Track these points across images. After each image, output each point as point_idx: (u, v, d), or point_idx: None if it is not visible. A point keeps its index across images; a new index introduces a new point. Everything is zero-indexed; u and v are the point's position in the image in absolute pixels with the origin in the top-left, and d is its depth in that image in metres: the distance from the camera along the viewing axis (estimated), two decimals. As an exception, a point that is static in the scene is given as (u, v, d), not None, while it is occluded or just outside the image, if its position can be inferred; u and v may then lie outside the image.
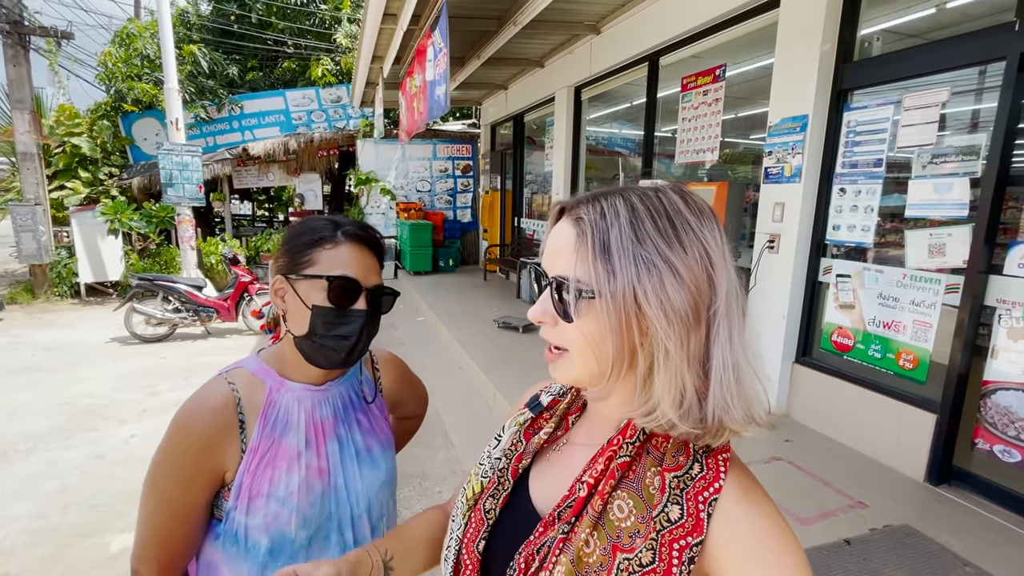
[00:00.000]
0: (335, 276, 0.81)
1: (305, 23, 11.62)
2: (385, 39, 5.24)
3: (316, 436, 0.86)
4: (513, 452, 0.64)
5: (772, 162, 3.28)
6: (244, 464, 0.79)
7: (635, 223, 0.49)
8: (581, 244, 0.50)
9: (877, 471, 2.71)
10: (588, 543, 0.51)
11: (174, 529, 0.79)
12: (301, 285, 0.82)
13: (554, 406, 0.67)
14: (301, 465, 0.83)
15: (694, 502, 0.49)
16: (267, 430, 0.82)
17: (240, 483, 0.79)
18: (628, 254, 0.48)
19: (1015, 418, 2.32)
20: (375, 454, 0.92)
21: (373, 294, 0.84)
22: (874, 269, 2.87)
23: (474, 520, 0.62)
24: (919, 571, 1.96)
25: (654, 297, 0.47)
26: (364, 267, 0.84)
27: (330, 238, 0.83)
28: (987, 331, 2.42)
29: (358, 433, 0.91)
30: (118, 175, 9.55)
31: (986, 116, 2.43)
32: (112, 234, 7.85)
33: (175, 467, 0.78)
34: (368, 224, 0.89)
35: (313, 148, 10.12)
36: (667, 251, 0.48)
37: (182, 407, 0.80)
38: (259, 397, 0.83)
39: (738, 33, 3.80)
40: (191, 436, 0.78)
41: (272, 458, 0.81)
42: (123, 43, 10.22)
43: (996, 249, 2.39)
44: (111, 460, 3.38)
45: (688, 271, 0.48)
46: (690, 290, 0.48)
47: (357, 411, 0.92)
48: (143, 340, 5.99)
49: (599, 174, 6.30)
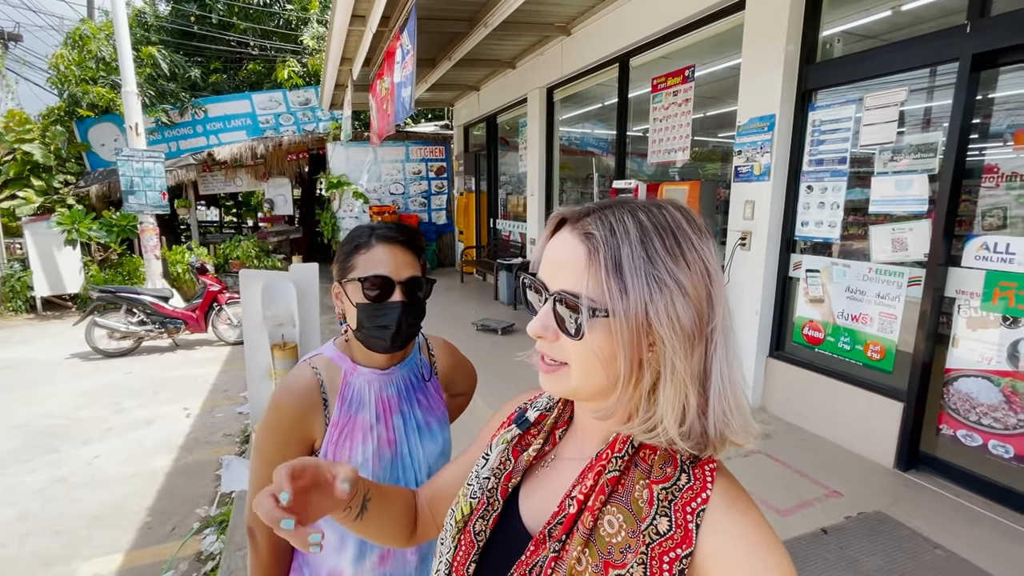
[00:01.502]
0: (366, 277, 0.94)
1: (269, 24, 11.34)
2: (354, 41, 5.15)
3: (384, 412, 1.00)
4: (502, 471, 0.63)
5: (742, 161, 3.35)
6: (328, 436, 0.95)
7: (645, 241, 0.49)
8: (593, 261, 0.49)
9: (850, 459, 2.80)
10: (580, 561, 0.50)
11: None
12: (348, 287, 0.97)
13: (541, 421, 0.66)
14: (373, 436, 0.97)
15: (682, 513, 0.49)
16: (345, 408, 0.97)
17: (325, 452, 0.94)
18: (640, 273, 0.48)
19: (976, 404, 2.42)
20: (433, 428, 1.06)
21: (408, 285, 0.97)
22: (841, 264, 2.96)
23: (464, 543, 0.61)
24: (892, 556, 2.03)
25: (664, 315, 0.47)
26: (397, 263, 0.96)
27: (365, 243, 0.97)
28: (948, 321, 2.52)
29: (419, 410, 1.05)
30: (74, 183, 9.14)
31: (942, 114, 2.53)
32: (70, 245, 7.51)
33: (274, 437, 0.94)
34: (403, 225, 1.02)
35: (282, 152, 9.89)
36: (675, 269, 0.48)
37: (276, 389, 0.96)
38: (337, 379, 0.98)
39: (706, 35, 3.87)
40: (284, 412, 0.93)
41: (350, 431, 0.96)
42: (76, 45, 9.80)
43: (954, 242, 2.50)
44: (74, 483, 3.23)
45: (693, 288, 0.49)
46: (695, 307, 0.48)
47: (417, 391, 1.07)
48: (106, 355, 5.75)
49: (573, 174, 6.34)
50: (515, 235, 7.61)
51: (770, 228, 3.23)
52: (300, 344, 3.34)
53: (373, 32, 4.34)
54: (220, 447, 3.69)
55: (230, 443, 3.76)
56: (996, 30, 2.27)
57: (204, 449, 3.68)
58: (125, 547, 2.62)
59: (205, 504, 2.98)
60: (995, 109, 2.43)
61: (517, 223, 7.52)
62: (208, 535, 2.67)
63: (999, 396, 2.34)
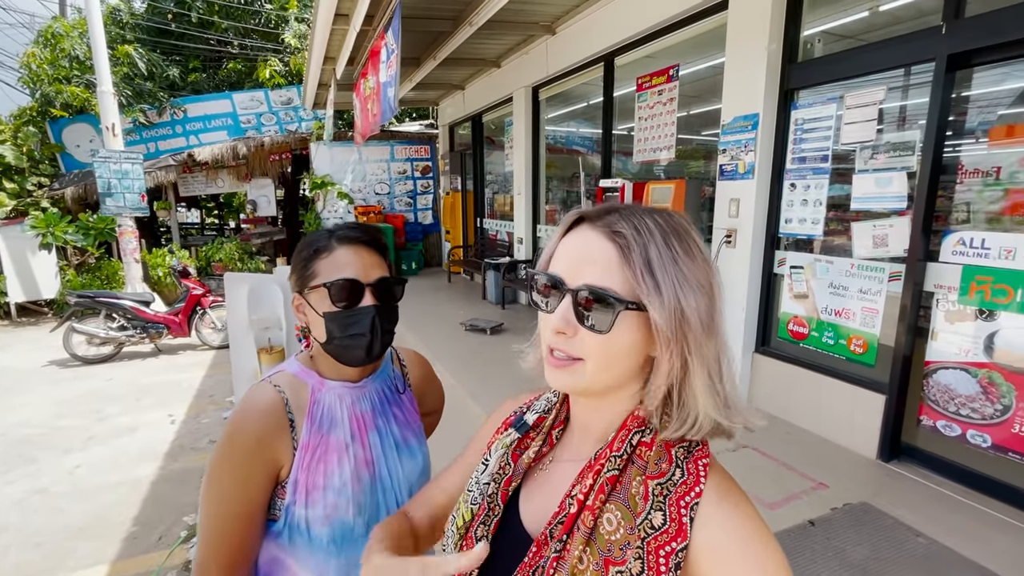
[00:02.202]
0: (332, 281, 0.85)
1: (250, 22, 11.15)
2: (337, 40, 5.09)
3: (359, 429, 0.92)
4: (502, 475, 0.63)
5: (726, 159, 3.39)
6: (298, 460, 0.85)
7: (667, 241, 0.52)
8: (625, 257, 0.51)
9: (834, 452, 2.86)
10: (582, 560, 0.51)
11: (235, 529, 0.82)
12: (312, 297, 0.88)
13: (540, 424, 0.66)
14: (350, 456, 0.89)
15: (676, 508, 0.50)
16: (315, 427, 0.88)
17: (296, 479, 0.85)
18: (668, 270, 0.51)
19: (955, 395, 2.49)
20: (412, 444, 0.99)
21: (378, 287, 0.88)
22: (825, 260, 3.02)
23: (466, 549, 0.61)
24: (878, 545, 2.08)
25: (692, 308, 0.51)
26: (363, 265, 0.88)
27: (325, 247, 0.88)
28: (927, 315, 2.59)
29: (395, 425, 0.98)
30: (48, 185, 8.90)
31: (920, 113, 2.59)
32: (44, 249, 7.29)
33: (233, 468, 0.82)
34: (364, 224, 0.95)
35: (264, 152, 9.74)
36: (692, 266, 0.52)
37: (233, 413, 0.86)
38: (304, 397, 0.89)
39: (690, 34, 3.90)
40: (246, 437, 0.83)
41: (323, 452, 0.87)
42: (48, 43, 9.53)
43: (933, 238, 2.56)
44: (55, 493, 3.15)
45: (707, 283, 0.53)
46: (707, 300, 0.52)
47: (392, 405, 0.99)
48: (85, 362, 5.61)
49: (559, 172, 6.35)
50: (502, 234, 7.61)
51: (755, 225, 3.27)
52: (287, 348, 3.30)
53: (357, 31, 4.31)
54: (207, 453, 3.63)
55: (216, 449, 3.70)
56: (970, 31, 2.33)
57: (190, 456, 3.61)
58: (110, 558, 2.56)
59: (192, 512, 2.93)
60: (970, 107, 2.49)
61: (504, 222, 7.51)
62: (196, 543, 2.62)
63: (976, 387, 2.41)
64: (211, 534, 0.82)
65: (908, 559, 2.00)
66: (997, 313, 2.31)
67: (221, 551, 0.82)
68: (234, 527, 0.82)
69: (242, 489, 0.82)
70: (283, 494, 0.85)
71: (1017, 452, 2.28)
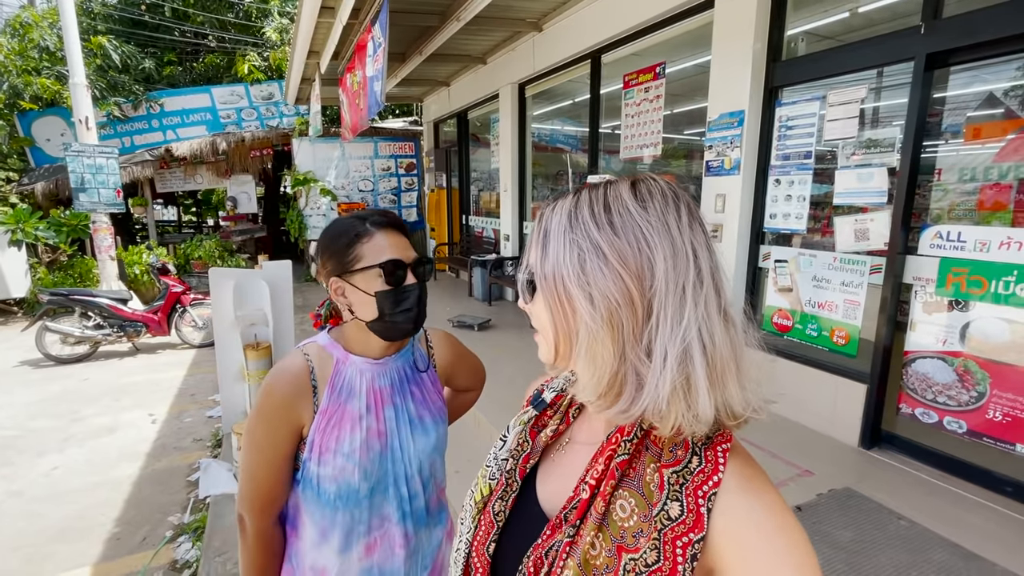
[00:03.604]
0: (384, 262, 0.93)
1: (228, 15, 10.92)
2: (322, 33, 5.02)
3: (375, 403, 0.99)
4: (520, 452, 0.64)
5: (713, 155, 3.45)
6: (315, 423, 0.95)
7: (573, 211, 0.52)
8: (535, 232, 0.56)
9: (819, 440, 2.93)
10: (594, 545, 0.50)
11: (265, 474, 0.94)
12: (356, 279, 0.94)
13: (558, 402, 0.67)
14: (362, 427, 0.97)
15: (693, 497, 0.49)
16: (334, 395, 0.96)
17: (312, 439, 0.94)
18: (561, 238, 0.51)
19: (932, 383, 2.58)
20: (426, 422, 1.05)
21: (416, 267, 0.98)
22: (808, 253, 3.09)
23: (483, 523, 0.62)
24: (862, 528, 2.14)
25: (575, 277, 0.49)
26: (400, 246, 0.97)
27: (364, 232, 0.95)
28: (906, 306, 2.67)
29: (411, 403, 1.04)
30: (17, 180, 8.59)
31: (900, 111, 2.67)
32: (14, 246, 7.04)
33: (263, 421, 0.93)
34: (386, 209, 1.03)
35: (245, 148, 9.55)
36: (595, 233, 0.49)
37: (268, 375, 0.96)
38: (328, 367, 0.98)
39: (676, 32, 3.95)
40: (275, 396, 0.93)
41: (338, 420, 0.95)
42: (17, 34, 9.19)
43: (911, 232, 2.65)
44: (32, 496, 3.05)
45: (616, 253, 0.48)
46: (619, 272, 0.47)
47: (411, 384, 1.06)
48: (59, 361, 5.43)
49: (546, 170, 6.37)
50: (488, 231, 7.60)
51: (740, 221, 3.34)
52: (274, 344, 3.25)
53: (343, 24, 4.26)
54: (190, 453, 3.56)
55: (200, 448, 3.62)
56: (948, 31, 2.41)
57: (173, 455, 3.53)
58: (93, 560, 2.50)
59: (178, 511, 2.87)
60: (947, 105, 2.58)
61: (490, 219, 7.51)
62: (183, 542, 2.57)
63: (952, 375, 2.50)
64: (247, 478, 0.95)
65: (891, 540, 2.07)
66: (972, 303, 2.40)
67: (255, 493, 0.95)
68: (264, 473, 0.94)
69: (270, 440, 0.93)
70: (303, 449, 0.96)
71: (991, 437, 2.38)
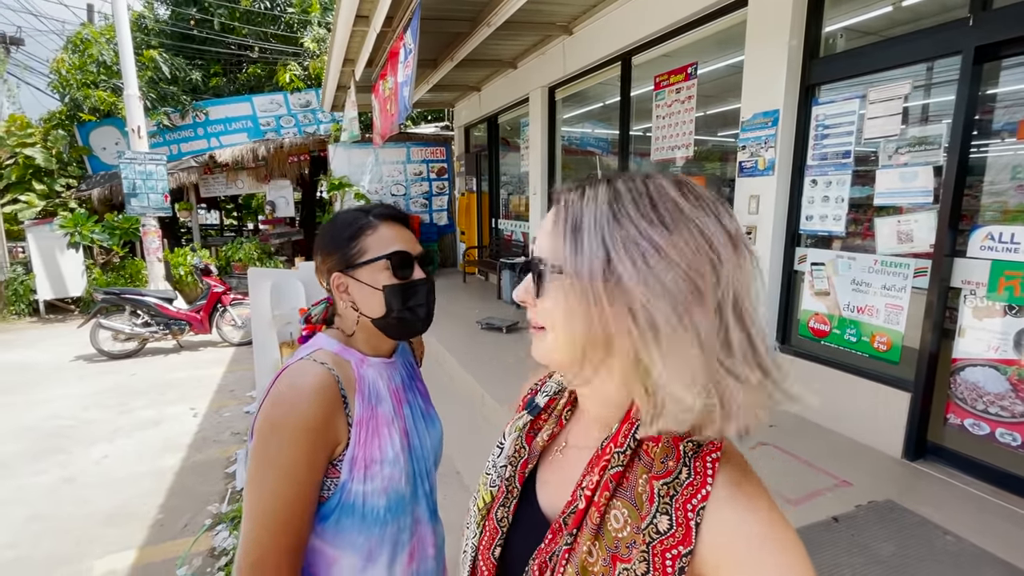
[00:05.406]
0: (391, 253, 0.87)
1: (271, 27, 11.37)
2: (357, 41, 5.17)
3: (397, 403, 0.95)
4: (518, 458, 0.64)
5: (746, 156, 3.37)
6: (354, 436, 0.85)
7: (614, 204, 0.48)
8: (556, 223, 0.51)
9: (858, 450, 2.81)
10: (591, 553, 0.50)
11: (300, 511, 0.79)
12: (362, 273, 0.88)
13: (551, 405, 0.67)
14: (396, 429, 0.91)
15: (683, 511, 0.47)
16: (366, 403, 0.88)
17: (354, 455, 0.84)
18: (599, 231, 0.47)
19: (983, 392, 2.44)
20: (431, 414, 1.04)
21: (422, 260, 0.93)
22: (847, 256, 2.98)
23: (488, 529, 0.63)
24: (905, 543, 2.04)
25: (632, 273, 0.45)
26: (405, 239, 0.91)
27: (368, 224, 0.89)
28: (954, 311, 2.54)
29: (419, 396, 1.02)
30: (76, 186, 9.16)
31: (946, 108, 2.55)
32: (72, 248, 7.51)
33: (295, 448, 0.78)
34: (388, 203, 0.96)
35: (283, 154, 9.91)
36: (649, 230, 0.46)
37: (282, 394, 0.80)
38: (349, 374, 0.88)
39: (708, 32, 3.89)
40: (307, 418, 0.79)
41: (376, 427, 0.88)
42: (77, 49, 9.82)
43: (959, 233, 2.52)
44: (83, 483, 3.24)
45: (675, 250, 0.45)
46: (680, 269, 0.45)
47: (415, 379, 1.04)
48: (111, 357, 5.75)
49: (575, 173, 6.36)
50: (517, 235, 7.63)
51: (775, 222, 3.25)
52: (308, 342, 3.36)
53: (377, 32, 4.37)
54: (228, 446, 3.70)
55: (238, 441, 3.76)
56: (998, 22, 2.29)
57: (213, 448, 3.68)
58: (138, 544, 2.63)
59: (216, 501, 2.99)
60: (999, 102, 2.45)
61: (519, 222, 7.54)
62: (221, 531, 2.67)
63: (1006, 385, 2.36)
64: (272, 522, 0.77)
65: (936, 556, 1.96)
66: (1027, 309, 2.27)
67: (287, 537, 0.78)
68: (298, 510, 0.78)
69: (308, 469, 0.79)
70: (334, 473, 0.83)
71: (1049, 451, 2.23)
